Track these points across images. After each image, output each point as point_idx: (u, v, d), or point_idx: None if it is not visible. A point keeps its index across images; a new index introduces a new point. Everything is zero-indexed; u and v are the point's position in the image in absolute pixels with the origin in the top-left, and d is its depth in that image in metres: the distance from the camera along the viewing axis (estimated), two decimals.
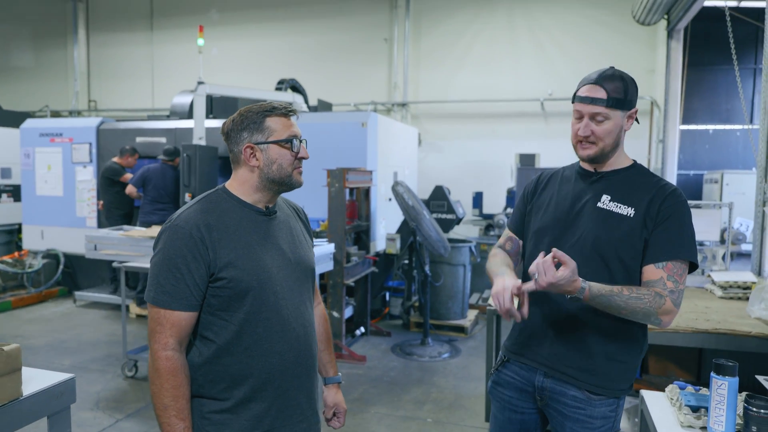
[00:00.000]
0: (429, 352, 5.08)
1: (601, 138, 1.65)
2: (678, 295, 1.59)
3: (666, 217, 1.60)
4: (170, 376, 1.40)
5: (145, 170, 6.13)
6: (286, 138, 1.52)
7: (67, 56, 10.19)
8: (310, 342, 1.60)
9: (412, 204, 5.09)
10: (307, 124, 6.08)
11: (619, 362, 1.69)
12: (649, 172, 1.73)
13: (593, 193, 1.70)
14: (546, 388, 1.74)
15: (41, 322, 6.11)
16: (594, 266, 1.63)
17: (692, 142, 7.55)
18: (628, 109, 1.65)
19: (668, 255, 1.59)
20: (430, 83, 8.31)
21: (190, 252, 1.41)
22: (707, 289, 3.49)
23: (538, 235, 1.78)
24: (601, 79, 1.63)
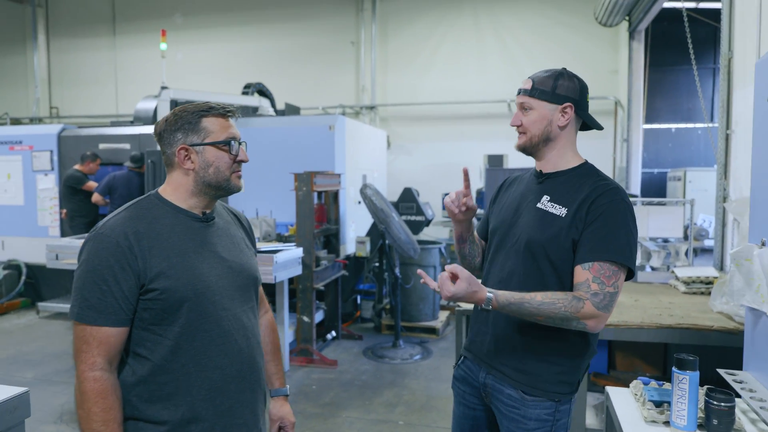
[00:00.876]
0: (401, 355, 5.03)
1: (527, 127, 1.68)
2: (603, 298, 1.52)
3: (595, 217, 1.56)
4: (99, 398, 1.29)
5: (111, 178, 5.97)
6: (224, 139, 1.42)
7: (26, 62, 9.88)
8: (254, 354, 1.50)
9: (381, 206, 5.05)
10: (274, 128, 6.00)
11: (553, 364, 1.65)
12: (595, 172, 1.70)
13: (536, 194, 1.70)
14: (488, 385, 1.75)
15: (3, 334, 5.87)
16: (527, 267, 1.64)
17: (655, 141, 7.70)
18: (557, 102, 1.65)
19: (594, 256, 1.54)
20: (398, 86, 8.30)
21: (117, 262, 1.31)
22: (671, 284, 3.52)
23: (490, 236, 1.82)
24: (536, 75, 1.70)
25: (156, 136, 1.45)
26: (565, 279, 1.62)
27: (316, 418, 3.80)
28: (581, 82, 1.69)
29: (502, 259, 1.72)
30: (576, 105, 1.67)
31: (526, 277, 1.63)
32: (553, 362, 1.65)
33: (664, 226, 3.90)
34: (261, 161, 5.96)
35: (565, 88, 1.66)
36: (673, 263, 3.80)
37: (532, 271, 1.63)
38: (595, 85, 7.60)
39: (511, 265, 1.68)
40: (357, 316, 6.27)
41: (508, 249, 1.70)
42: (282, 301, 4.65)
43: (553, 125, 1.67)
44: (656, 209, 3.94)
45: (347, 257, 5.86)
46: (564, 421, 1.68)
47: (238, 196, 6.28)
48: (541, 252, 1.61)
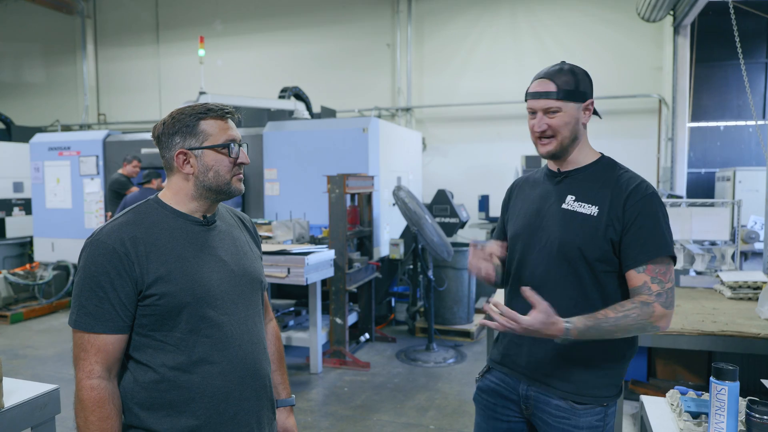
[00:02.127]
0: (434, 358, 4.99)
1: (558, 131, 1.61)
2: (666, 296, 1.52)
3: (634, 217, 1.53)
4: (96, 407, 1.27)
5: (124, 201, 5.87)
6: (223, 143, 1.38)
7: (76, 71, 10.32)
8: (259, 360, 1.46)
9: (414, 209, 5.02)
10: (308, 131, 6.06)
11: (600, 368, 1.61)
12: (615, 164, 1.66)
13: (558, 194, 1.65)
14: (530, 397, 1.66)
15: (51, 332, 6.14)
16: (562, 270, 1.59)
17: (702, 140, 7.37)
18: (582, 100, 1.62)
19: (646, 257, 1.52)
20: (433, 87, 8.25)
21: (114, 268, 1.29)
22: (716, 289, 3.35)
23: (512, 242, 1.75)
24: (550, 74, 1.62)
25: (154, 140, 1.43)
26: (603, 279, 1.58)
27: (347, 421, 3.80)
28: (587, 72, 1.67)
29: (532, 265, 1.66)
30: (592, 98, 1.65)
31: (562, 281, 1.59)
32: (599, 367, 1.60)
33: (709, 228, 3.73)
34: (295, 164, 6.03)
35: (585, 83, 1.63)
36: (719, 267, 3.63)
37: (568, 275, 1.58)
38: (637, 83, 7.36)
39: (543, 271, 1.62)
40: (391, 318, 6.26)
41: (537, 254, 1.64)
42: (315, 302, 4.68)
43: (579, 124, 1.63)
44: (701, 210, 3.77)
45: (381, 259, 5.85)
46: (612, 423, 1.64)
47: (272, 198, 6.42)
48: (576, 254, 1.57)
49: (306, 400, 4.16)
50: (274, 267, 4.33)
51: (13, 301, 6.83)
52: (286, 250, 4.53)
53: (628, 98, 7.34)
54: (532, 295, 1.46)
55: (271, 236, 5.15)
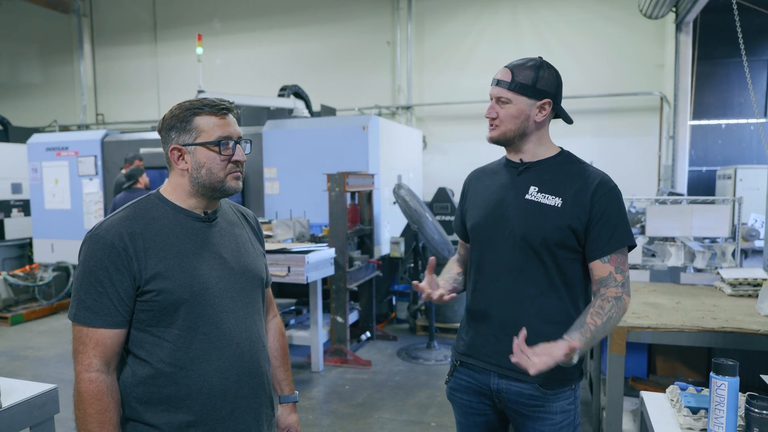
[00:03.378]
0: (435, 356, 5.02)
1: (502, 121, 1.66)
2: (627, 283, 1.64)
3: (602, 210, 1.61)
4: (94, 400, 1.28)
5: (112, 205, 5.76)
6: (215, 139, 1.36)
7: (74, 71, 10.33)
8: (258, 358, 1.46)
9: (414, 207, 5.04)
10: (308, 130, 6.07)
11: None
12: (576, 158, 1.72)
13: (521, 185, 1.69)
14: (502, 390, 1.70)
15: (52, 333, 6.16)
16: (527, 259, 1.65)
17: (704, 138, 7.39)
18: (537, 98, 1.63)
19: (611, 248, 1.61)
20: (434, 85, 8.26)
21: (113, 264, 1.29)
22: (716, 286, 3.38)
23: (474, 232, 1.78)
24: (515, 65, 1.66)
25: (159, 134, 1.44)
26: (566, 267, 1.65)
27: (349, 418, 3.83)
28: (557, 73, 1.68)
29: (495, 256, 1.69)
30: (554, 100, 1.66)
31: (528, 269, 1.64)
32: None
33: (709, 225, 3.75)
34: (295, 162, 6.05)
35: (545, 82, 1.64)
36: (719, 264, 3.65)
37: (533, 263, 1.64)
38: (639, 80, 7.38)
39: (508, 261, 1.66)
40: (392, 317, 6.28)
41: (502, 243, 1.68)
42: (315, 301, 4.70)
43: (530, 120, 1.66)
44: (701, 208, 3.80)
45: (381, 258, 5.86)
46: (578, 407, 1.73)
47: (272, 197, 6.43)
48: (540, 243, 1.62)
49: (307, 399, 4.19)
50: (275, 266, 4.35)
51: (14, 302, 6.86)
52: (287, 248, 4.55)
53: (630, 96, 7.35)
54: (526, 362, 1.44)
55: (272, 235, 5.18)
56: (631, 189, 6.95)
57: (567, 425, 1.67)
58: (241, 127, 6.47)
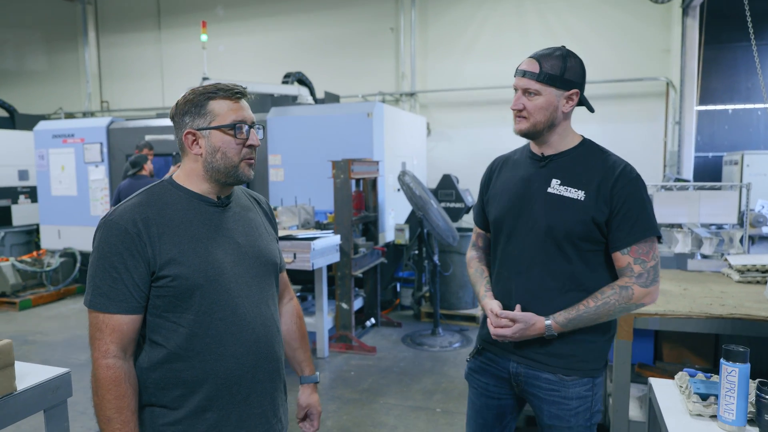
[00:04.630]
0: (440, 342, 5.01)
1: (531, 113, 1.63)
2: (648, 275, 1.61)
3: (622, 201, 1.59)
4: (112, 386, 1.29)
5: (117, 191, 5.69)
6: (231, 123, 1.36)
7: (78, 58, 10.28)
8: (273, 343, 1.46)
9: (419, 193, 5.01)
10: (313, 117, 6.03)
11: (587, 343, 1.68)
12: (598, 148, 1.70)
13: (543, 178, 1.68)
14: (520, 374, 1.73)
15: (59, 319, 6.19)
16: (549, 252, 1.65)
17: (710, 123, 7.29)
18: (565, 89, 1.62)
19: (631, 239, 1.60)
20: (438, 72, 8.18)
21: (127, 249, 1.29)
22: (724, 273, 3.34)
23: (495, 225, 1.78)
24: (541, 55, 1.62)
25: (171, 120, 1.43)
26: (590, 259, 1.64)
27: (354, 404, 3.83)
28: (582, 61, 1.66)
29: (518, 249, 1.70)
30: (581, 90, 1.64)
31: (550, 263, 1.64)
32: (586, 341, 1.67)
33: (716, 211, 3.70)
34: (300, 149, 6.02)
35: (573, 72, 1.62)
36: (727, 251, 3.61)
37: (557, 258, 1.63)
38: (645, 65, 7.28)
39: (531, 254, 1.66)
40: (396, 303, 6.29)
41: (523, 237, 1.68)
42: (321, 288, 4.69)
43: (558, 111, 1.63)
44: (708, 194, 3.75)
45: (386, 245, 5.86)
46: (600, 393, 1.73)
47: (278, 184, 6.41)
48: (565, 237, 1.61)
49: None
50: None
51: (21, 288, 6.88)
52: (292, 235, 4.54)
53: (636, 81, 7.26)
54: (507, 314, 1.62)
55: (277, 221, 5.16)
56: None
57: (583, 411, 1.68)
58: None
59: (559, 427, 1.69)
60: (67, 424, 2.00)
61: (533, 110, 1.62)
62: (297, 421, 1.71)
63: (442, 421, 3.57)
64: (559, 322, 1.60)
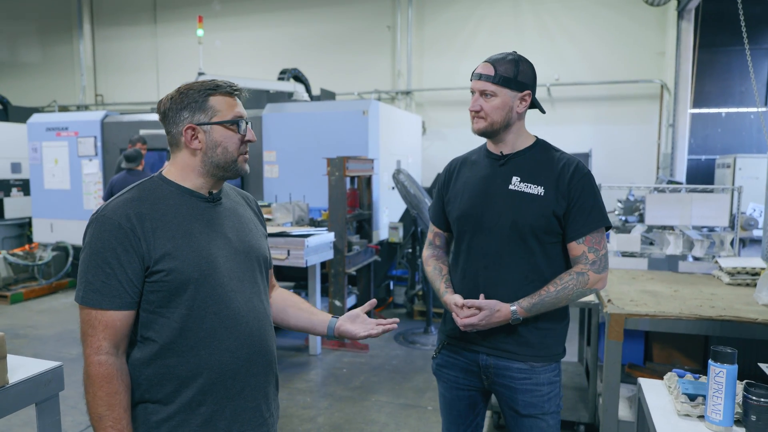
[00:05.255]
0: (432, 341, 5.03)
1: (488, 113, 1.74)
2: (600, 262, 1.75)
3: (578, 195, 1.72)
4: (104, 382, 1.28)
5: (111, 184, 5.61)
6: (232, 119, 1.39)
7: (73, 51, 10.21)
8: (266, 337, 1.47)
9: (414, 192, 5.02)
10: (308, 114, 6.02)
11: (547, 329, 1.80)
12: (550, 147, 1.83)
13: (503, 176, 1.79)
14: (490, 366, 1.81)
15: (51, 313, 6.16)
16: (514, 247, 1.75)
17: (704, 126, 7.34)
18: (519, 90, 1.73)
19: (586, 229, 1.73)
20: (434, 71, 8.18)
21: (120, 244, 1.29)
22: (714, 275, 3.37)
23: (460, 222, 1.85)
24: (495, 60, 1.75)
25: (160, 115, 1.42)
26: (550, 251, 1.77)
27: (346, 401, 3.84)
28: (533, 66, 1.78)
29: (483, 244, 1.78)
30: (532, 91, 1.76)
31: (515, 256, 1.75)
32: (547, 329, 1.79)
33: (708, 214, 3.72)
34: (295, 146, 6.01)
35: (525, 75, 1.74)
36: (718, 253, 3.63)
37: (520, 250, 1.74)
38: (640, 68, 7.31)
39: (496, 248, 1.76)
40: (389, 301, 6.30)
41: (488, 233, 1.77)
42: (314, 285, 4.69)
43: (513, 111, 1.75)
44: (700, 197, 3.77)
45: (380, 243, 5.86)
46: (561, 379, 1.87)
47: (273, 181, 6.39)
48: (529, 231, 1.73)
49: (305, 381, 4.19)
50: (274, 249, 4.33)
51: (13, 281, 6.85)
52: (286, 232, 4.53)
53: (630, 83, 7.29)
54: (471, 302, 1.70)
55: (271, 218, 5.15)
56: (629, 177, 6.93)
57: (554, 396, 1.80)
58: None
59: (534, 416, 1.77)
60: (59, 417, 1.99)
61: (490, 110, 1.73)
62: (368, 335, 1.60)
63: (433, 419, 3.58)
64: (524, 306, 1.70)
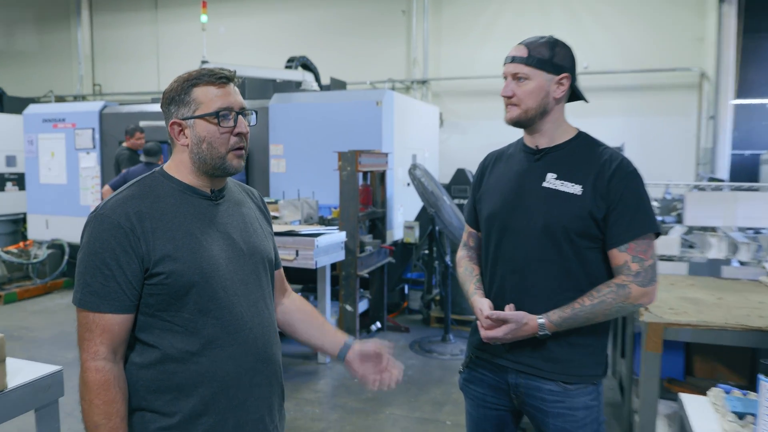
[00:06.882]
0: (450, 350, 4.99)
1: (522, 99, 1.67)
2: (645, 273, 1.62)
3: (619, 196, 1.62)
4: (101, 390, 1.28)
5: (126, 173, 5.61)
6: (215, 111, 1.36)
7: (70, 39, 10.31)
8: (270, 344, 1.47)
9: (431, 189, 4.98)
10: (318, 104, 6.01)
11: (581, 346, 1.69)
12: (594, 141, 1.74)
13: (538, 172, 1.72)
14: (520, 385, 1.73)
15: (46, 314, 6.23)
16: (545, 250, 1.67)
17: (748, 119, 7.20)
18: (555, 72, 1.67)
19: (629, 236, 1.62)
20: (452, 58, 8.13)
21: (120, 245, 1.30)
22: (762, 281, 3.29)
23: (488, 222, 1.80)
24: (529, 42, 1.69)
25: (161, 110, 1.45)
26: (588, 256, 1.66)
27: (358, 414, 3.82)
28: (571, 49, 1.72)
29: (511, 247, 1.72)
30: (571, 75, 1.69)
31: (546, 260, 1.66)
32: (581, 344, 1.68)
33: (755, 214, 3.65)
34: (303, 139, 6.00)
35: (562, 57, 1.68)
36: (766, 257, 3.55)
37: (552, 254, 1.66)
38: (676, 55, 7.19)
39: (526, 252, 1.69)
40: (404, 306, 6.27)
41: (518, 234, 1.70)
42: (324, 288, 4.68)
43: (549, 97, 1.68)
44: (746, 195, 3.69)
45: (394, 243, 5.84)
46: (602, 405, 1.74)
47: (280, 176, 6.40)
48: (561, 233, 1.64)
49: (313, 391, 4.18)
50: (282, 249, 4.31)
51: (7, 280, 6.92)
52: (294, 231, 4.52)
53: (666, 72, 7.18)
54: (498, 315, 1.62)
55: (278, 216, 5.15)
56: (666, 174, 6.80)
57: (590, 422, 1.69)
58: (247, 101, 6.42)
59: None
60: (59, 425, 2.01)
61: (524, 96, 1.67)
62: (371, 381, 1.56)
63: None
64: (553, 320, 1.61)
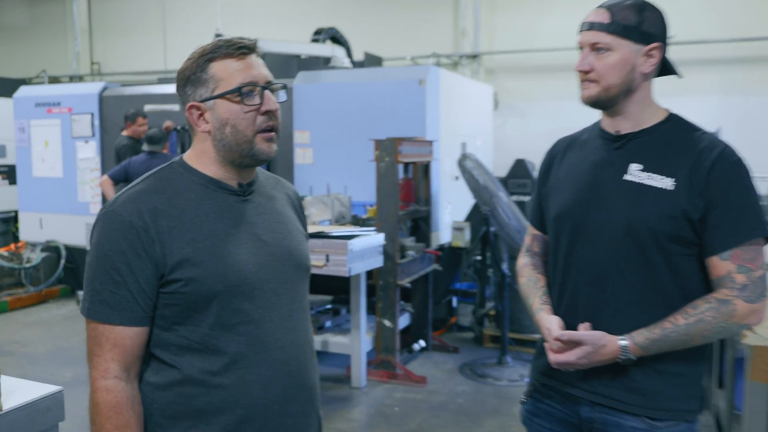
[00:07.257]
0: (508, 375, 4.97)
1: (602, 75, 1.61)
2: (754, 287, 1.53)
3: (721, 192, 1.54)
4: (113, 413, 1.30)
5: (127, 164, 5.79)
6: (237, 87, 1.34)
7: (65, 11, 10.57)
8: (306, 366, 1.46)
9: (485, 183, 4.97)
10: (350, 84, 6.04)
11: (671, 374, 1.62)
12: (689, 125, 1.67)
13: (619, 162, 1.66)
14: (596, 420, 1.67)
15: (41, 326, 6.40)
16: (627, 257, 1.61)
17: None
18: (644, 42, 1.60)
19: (733, 241, 1.54)
20: (508, 29, 8.11)
21: (131, 247, 1.30)
22: None
23: (557, 223, 1.76)
24: (612, 4, 1.62)
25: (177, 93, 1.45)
26: (680, 265, 1.59)
27: None
28: (663, 14, 1.64)
29: (587, 253, 1.67)
30: (663, 45, 1.63)
31: (628, 270, 1.61)
32: (671, 373, 1.62)
33: None
34: (333, 125, 6.03)
35: (652, 22, 1.60)
36: None
37: (636, 263, 1.60)
38: None
39: (604, 259, 1.64)
40: (452, 322, 6.29)
41: (594, 238, 1.66)
42: (358, 299, 4.70)
43: (636, 71, 1.62)
44: None
45: (441, 248, 5.85)
46: None
47: (306, 168, 6.42)
48: (649, 238, 1.58)
49: (347, 420, 4.19)
50: (311, 253, 4.33)
51: None
52: (324, 232, 4.54)
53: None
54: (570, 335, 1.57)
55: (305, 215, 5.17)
56: None
57: None
58: None
59: None
60: None
61: (604, 70, 1.61)
62: None
63: None
64: (639, 343, 1.55)
